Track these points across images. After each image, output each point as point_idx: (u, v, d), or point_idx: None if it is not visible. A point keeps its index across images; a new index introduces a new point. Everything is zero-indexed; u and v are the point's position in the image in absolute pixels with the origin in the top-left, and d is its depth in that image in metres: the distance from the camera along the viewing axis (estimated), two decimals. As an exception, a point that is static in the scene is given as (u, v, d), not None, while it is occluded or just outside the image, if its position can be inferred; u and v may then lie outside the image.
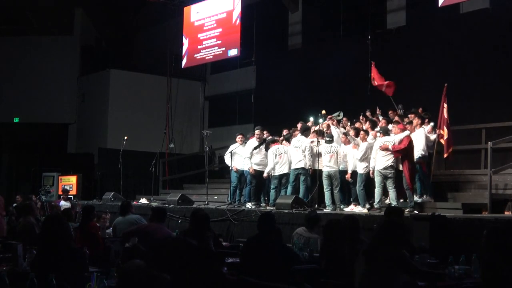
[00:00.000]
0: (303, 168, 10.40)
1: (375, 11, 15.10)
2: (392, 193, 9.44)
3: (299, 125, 11.38)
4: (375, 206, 9.49)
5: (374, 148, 9.72)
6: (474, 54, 12.66)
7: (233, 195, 11.63)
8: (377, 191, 9.54)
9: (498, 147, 10.36)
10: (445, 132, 9.68)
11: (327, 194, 10.16)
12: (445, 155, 9.81)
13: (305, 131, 10.83)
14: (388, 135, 9.74)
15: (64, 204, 13.56)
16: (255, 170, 10.96)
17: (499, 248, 3.86)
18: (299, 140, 10.63)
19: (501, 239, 3.91)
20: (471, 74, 12.59)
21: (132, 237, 6.58)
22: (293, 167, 10.55)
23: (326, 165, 10.23)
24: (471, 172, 10.99)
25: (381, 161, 9.53)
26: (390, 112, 11.26)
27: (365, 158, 9.84)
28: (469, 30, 12.79)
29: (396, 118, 10.43)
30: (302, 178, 10.43)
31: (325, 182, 10.21)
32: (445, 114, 9.71)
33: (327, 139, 10.39)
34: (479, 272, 5.11)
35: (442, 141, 9.76)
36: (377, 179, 9.54)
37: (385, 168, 9.45)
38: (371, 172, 9.71)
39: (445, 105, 9.76)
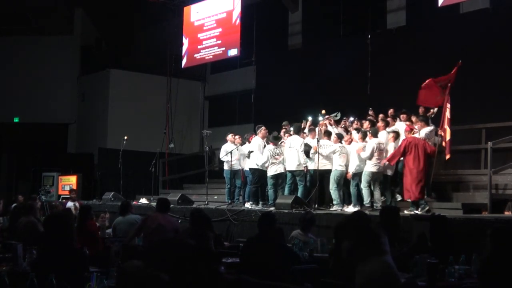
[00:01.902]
0: (297, 170, 10.40)
1: (375, 11, 15.10)
2: (377, 193, 9.75)
3: (287, 127, 11.48)
4: (367, 205, 9.63)
5: (368, 147, 9.82)
6: (474, 54, 12.64)
7: (230, 195, 11.62)
8: (376, 192, 9.69)
9: (498, 147, 10.36)
10: (447, 132, 9.66)
11: (336, 193, 10.15)
12: (447, 157, 9.79)
13: (299, 131, 10.82)
14: (377, 136, 9.92)
15: (71, 205, 13.36)
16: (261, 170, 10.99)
17: (502, 248, 3.86)
18: (292, 140, 10.61)
19: (505, 239, 3.92)
20: (471, 74, 12.56)
21: (143, 231, 6.75)
22: (288, 168, 10.54)
23: (340, 165, 10.22)
24: (471, 172, 10.99)
25: (372, 162, 9.73)
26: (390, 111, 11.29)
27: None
28: (469, 30, 12.79)
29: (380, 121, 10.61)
30: (298, 178, 10.42)
31: (336, 181, 10.18)
32: (448, 114, 9.69)
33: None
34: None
35: (444, 143, 9.75)
36: (367, 179, 9.74)
37: (378, 171, 9.73)
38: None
39: (448, 105, 9.74)
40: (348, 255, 4.42)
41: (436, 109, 10.56)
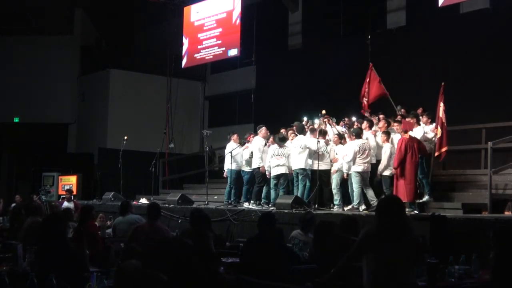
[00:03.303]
0: (303, 169, 10.40)
1: (375, 11, 15.11)
2: (370, 191, 9.74)
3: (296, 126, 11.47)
4: (355, 206, 9.63)
5: (349, 150, 9.83)
6: (474, 54, 12.65)
7: (230, 195, 11.61)
8: (369, 191, 9.72)
9: (498, 147, 10.35)
10: (438, 131, 9.63)
11: (338, 194, 10.13)
12: (436, 154, 9.74)
13: (303, 131, 10.83)
14: (360, 137, 9.93)
15: (67, 205, 13.43)
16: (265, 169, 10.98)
17: (507, 247, 3.87)
18: (298, 139, 10.62)
19: (507, 238, 3.92)
20: (471, 74, 12.59)
21: (135, 241, 6.61)
22: (294, 168, 10.54)
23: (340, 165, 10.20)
24: (471, 172, 10.98)
25: (357, 162, 9.74)
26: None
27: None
28: (469, 30, 12.79)
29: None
30: (300, 177, 10.43)
31: (337, 181, 10.16)
32: (441, 114, 9.66)
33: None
34: (479, 272, 5.12)
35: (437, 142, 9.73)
36: (356, 180, 9.72)
37: (363, 171, 9.70)
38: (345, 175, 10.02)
39: (441, 104, 9.71)
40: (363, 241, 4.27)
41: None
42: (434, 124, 10.01)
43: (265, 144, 11.06)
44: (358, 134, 9.97)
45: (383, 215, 4.21)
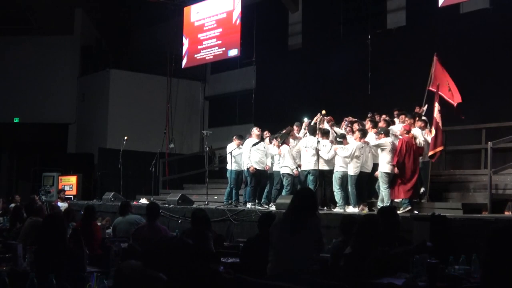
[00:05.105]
0: (314, 169, 10.39)
1: (375, 11, 15.11)
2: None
3: (295, 127, 11.45)
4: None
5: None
6: (474, 54, 12.65)
7: (230, 195, 11.61)
8: (386, 192, 9.55)
9: (498, 147, 10.36)
10: (432, 132, 9.58)
11: (339, 194, 10.07)
12: (429, 153, 9.67)
13: (315, 132, 10.77)
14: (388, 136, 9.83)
15: (61, 205, 13.46)
16: (255, 169, 10.97)
17: (502, 249, 3.85)
18: (308, 140, 10.60)
19: (504, 239, 3.90)
20: (471, 74, 12.58)
21: (135, 241, 6.63)
22: (303, 168, 10.53)
23: (342, 166, 10.09)
24: (471, 172, 10.99)
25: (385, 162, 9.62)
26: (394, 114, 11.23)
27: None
28: (469, 30, 12.79)
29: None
30: (311, 178, 10.39)
31: (338, 182, 10.06)
32: (435, 114, 9.62)
33: (339, 139, 10.36)
34: (479, 272, 5.12)
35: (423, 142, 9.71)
36: (384, 180, 9.57)
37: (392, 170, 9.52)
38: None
39: (436, 104, 9.68)
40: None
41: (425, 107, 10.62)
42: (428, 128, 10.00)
43: (255, 144, 11.03)
44: (387, 132, 9.89)
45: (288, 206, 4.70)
